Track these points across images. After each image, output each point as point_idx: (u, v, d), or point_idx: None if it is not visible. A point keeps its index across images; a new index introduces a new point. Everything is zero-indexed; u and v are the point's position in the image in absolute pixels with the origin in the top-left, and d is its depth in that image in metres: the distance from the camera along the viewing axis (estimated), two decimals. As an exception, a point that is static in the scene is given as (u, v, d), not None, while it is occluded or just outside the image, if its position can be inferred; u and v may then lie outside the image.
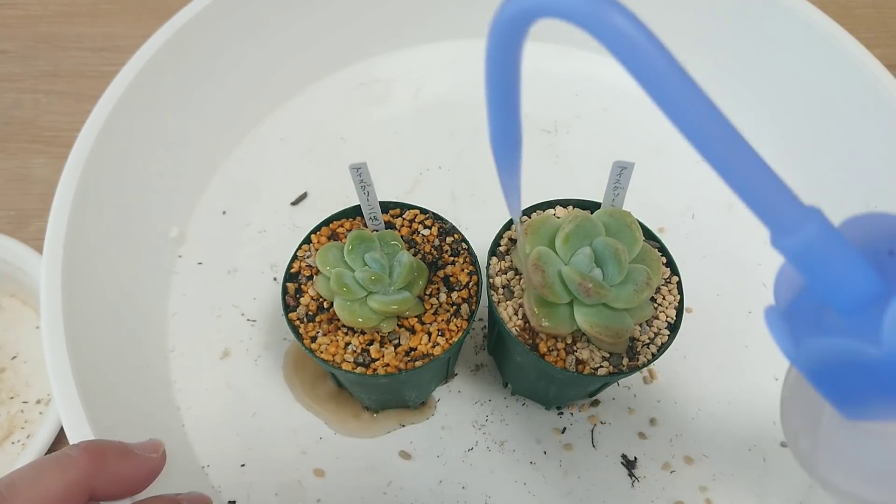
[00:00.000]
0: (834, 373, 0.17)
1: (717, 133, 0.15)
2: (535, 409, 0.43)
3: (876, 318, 0.15)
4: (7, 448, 0.42)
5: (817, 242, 0.16)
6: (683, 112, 0.15)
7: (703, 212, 0.51)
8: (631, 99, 0.57)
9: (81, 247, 0.38)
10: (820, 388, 0.18)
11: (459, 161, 0.53)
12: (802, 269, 0.16)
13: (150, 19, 0.47)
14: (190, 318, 0.45)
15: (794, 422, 0.21)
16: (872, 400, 0.17)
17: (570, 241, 0.34)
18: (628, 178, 0.35)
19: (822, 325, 0.17)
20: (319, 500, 0.40)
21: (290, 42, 0.53)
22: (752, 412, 0.43)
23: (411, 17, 0.57)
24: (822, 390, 0.18)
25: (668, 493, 0.40)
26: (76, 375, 0.34)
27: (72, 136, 0.40)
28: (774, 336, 0.18)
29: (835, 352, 0.16)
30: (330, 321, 0.35)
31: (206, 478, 0.40)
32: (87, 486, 0.25)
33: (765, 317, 0.18)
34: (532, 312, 0.33)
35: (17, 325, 0.47)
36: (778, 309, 0.18)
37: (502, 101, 0.20)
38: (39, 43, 0.60)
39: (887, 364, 0.15)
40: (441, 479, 0.40)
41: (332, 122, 0.55)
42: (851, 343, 0.16)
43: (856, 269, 0.16)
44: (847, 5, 0.63)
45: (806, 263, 0.16)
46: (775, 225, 0.16)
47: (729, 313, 0.46)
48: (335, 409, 0.42)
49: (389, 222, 0.39)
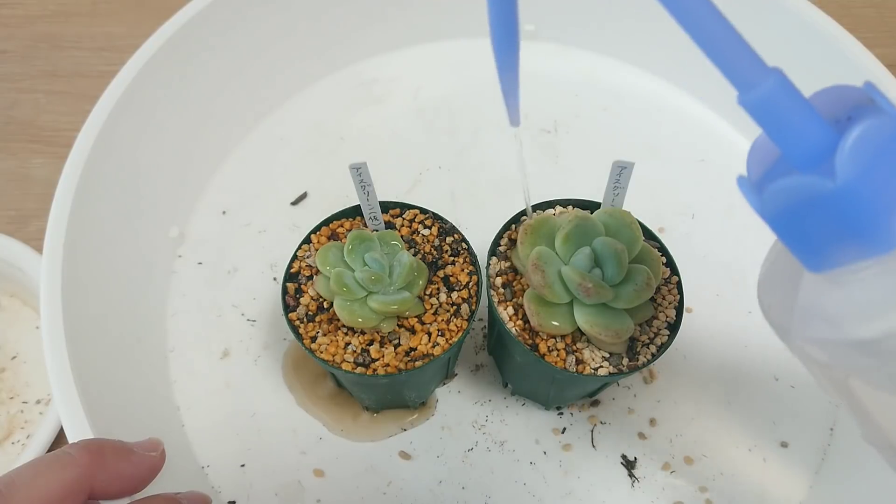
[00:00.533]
0: (795, 217, 0.18)
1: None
2: (535, 409, 0.43)
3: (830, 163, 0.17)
4: (7, 448, 0.42)
5: (775, 94, 0.17)
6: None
7: (703, 212, 0.51)
8: (631, 99, 0.57)
9: (81, 247, 0.38)
10: (784, 237, 0.19)
11: (459, 161, 0.53)
12: (762, 121, 0.17)
13: (149, 19, 0.47)
14: (190, 318, 0.45)
15: (769, 296, 0.23)
16: (832, 242, 0.18)
17: (569, 241, 0.34)
18: (628, 178, 0.35)
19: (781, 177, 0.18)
20: (319, 500, 0.40)
21: (290, 42, 0.53)
22: (752, 412, 0.43)
23: (411, 17, 0.57)
24: (786, 240, 0.19)
25: (668, 493, 0.40)
26: (76, 375, 0.34)
27: (71, 136, 0.40)
28: (744, 193, 0.19)
29: (793, 188, 0.17)
30: (330, 321, 0.35)
31: (205, 478, 0.40)
32: (86, 484, 0.25)
33: (737, 182, 0.20)
34: (532, 312, 0.33)
35: (17, 325, 0.47)
36: (750, 180, 0.20)
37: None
38: (39, 43, 0.60)
39: (842, 195, 0.17)
40: (441, 480, 0.40)
41: (332, 122, 0.55)
42: (807, 177, 0.17)
43: (812, 121, 0.17)
44: (847, 5, 0.63)
45: (765, 115, 0.17)
46: (739, 81, 0.17)
47: (729, 313, 0.46)
48: (335, 410, 0.42)
49: (389, 222, 0.39)
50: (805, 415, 0.43)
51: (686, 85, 0.57)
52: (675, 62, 0.56)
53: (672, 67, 0.57)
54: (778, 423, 0.43)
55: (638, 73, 0.58)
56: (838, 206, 0.17)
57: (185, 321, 0.45)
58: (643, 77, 0.58)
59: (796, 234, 0.19)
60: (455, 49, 0.59)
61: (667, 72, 0.57)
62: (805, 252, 0.19)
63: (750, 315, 0.46)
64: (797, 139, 0.17)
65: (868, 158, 0.16)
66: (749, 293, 0.47)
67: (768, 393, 0.44)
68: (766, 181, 0.19)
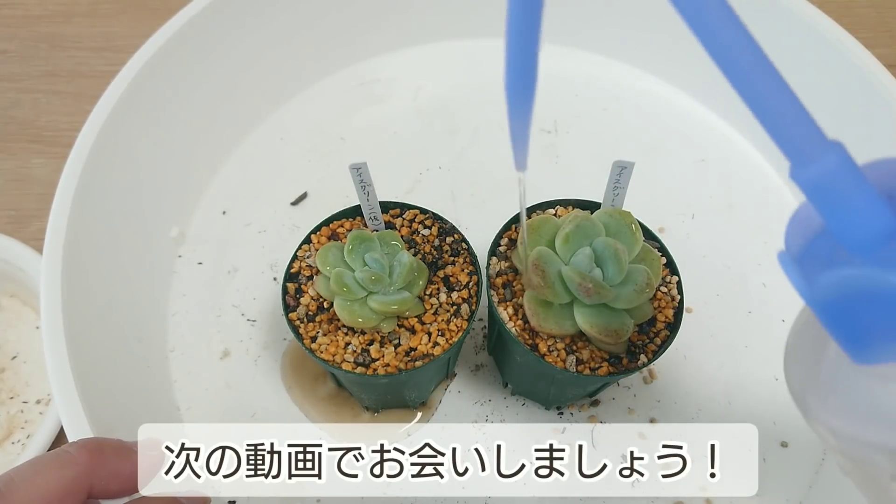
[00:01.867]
0: (847, 308, 0.16)
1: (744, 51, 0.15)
2: (535, 409, 0.43)
3: (892, 253, 0.15)
4: (7, 448, 0.42)
5: (836, 174, 0.15)
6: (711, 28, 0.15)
7: (703, 212, 0.51)
8: (631, 99, 0.57)
9: (81, 247, 0.38)
10: (831, 327, 0.17)
11: (459, 161, 0.53)
12: (818, 202, 0.16)
13: (149, 19, 0.47)
14: (190, 318, 0.45)
15: (797, 369, 0.21)
16: (886, 337, 0.16)
17: (570, 242, 0.34)
18: (628, 178, 0.35)
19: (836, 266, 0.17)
20: (319, 500, 0.40)
21: (289, 42, 0.53)
22: (752, 412, 0.43)
23: (411, 17, 0.57)
24: (833, 330, 0.17)
25: (668, 493, 0.40)
26: (76, 375, 0.34)
27: (72, 136, 0.40)
28: (788, 274, 0.17)
29: (852, 281, 0.16)
30: (330, 321, 0.35)
31: (206, 478, 0.40)
32: (85, 483, 0.25)
33: (778, 259, 0.18)
34: (532, 312, 0.33)
35: (17, 325, 0.47)
36: (791, 253, 0.18)
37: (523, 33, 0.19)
38: (39, 43, 0.60)
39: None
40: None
41: (332, 122, 0.55)
42: (869, 270, 0.15)
43: (873, 205, 0.15)
44: (847, 5, 0.63)
45: (822, 196, 0.16)
46: (795, 154, 0.15)
47: (729, 313, 0.46)
48: (335, 410, 0.42)
49: (389, 222, 0.39)
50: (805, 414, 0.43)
51: (686, 85, 0.57)
52: (676, 62, 0.56)
53: (672, 68, 0.57)
54: (778, 423, 0.43)
55: (638, 74, 0.58)
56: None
57: (185, 321, 0.45)
58: (643, 77, 0.58)
59: (846, 325, 0.17)
60: (455, 49, 0.59)
61: (667, 72, 0.57)
62: (853, 344, 0.17)
63: (750, 315, 0.46)
64: (857, 225, 0.16)
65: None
66: (749, 293, 0.47)
67: (768, 393, 0.44)
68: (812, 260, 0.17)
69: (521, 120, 0.23)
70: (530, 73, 0.20)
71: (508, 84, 0.21)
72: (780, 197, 0.52)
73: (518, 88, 0.21)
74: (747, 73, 0.15)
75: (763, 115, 0.15)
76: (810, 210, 0.17)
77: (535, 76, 0.20)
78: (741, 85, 0.15)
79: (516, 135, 0.24)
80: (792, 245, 0.18)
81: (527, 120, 0.23)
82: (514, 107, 0.22)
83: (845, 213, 0.16)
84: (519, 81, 0.21)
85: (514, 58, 0.20)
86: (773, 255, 0.49)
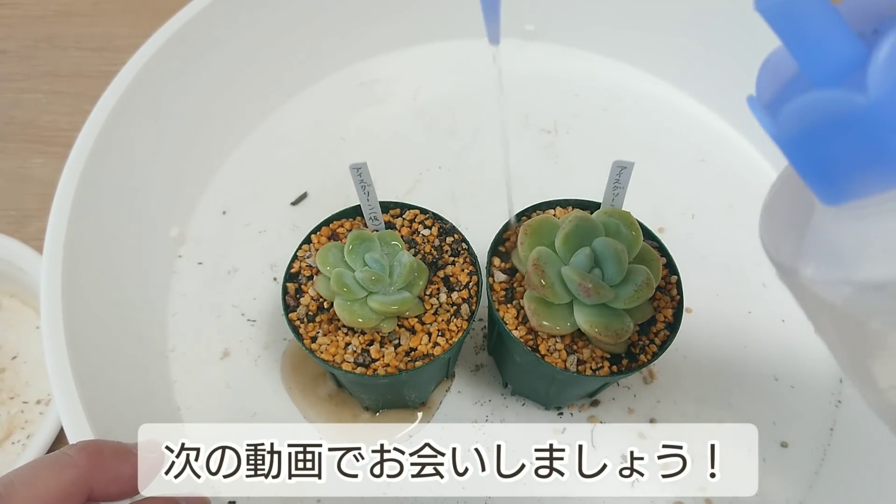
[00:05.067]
0: (814, 140, 0.16)
1: None
2: (535, 409, 0.43)
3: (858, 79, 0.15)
4: (7, 448, 0.42)
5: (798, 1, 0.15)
6: None
7: (703, 212, 0.51)
8: (631, 99, 0.57)
9: (81, 247, 0.38)
10: (799, 163, 0.17)
11: (459, 161, 0.53)
12: (780, 29, 0.15)
13: (150, 19, 0.47)
14: (190, 318, 0.45)
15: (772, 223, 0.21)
16: (856, 169, 0.16)
17: (569, 242, 0.34)
18: (628, 178, 0.35)
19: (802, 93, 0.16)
20: (319, 500, 0.40)
21: (290, 42, 0.53)
22: (752, 412, 0.43)
23: (411, 17, 0.57)
24: (801, 167, 0.17)
25: (668, 493, 0.40)
26: (76, 375, 0.34)
27: (72, 136, 0.40)
28: (755, 114, 0.17)
29: (818, 106, 0.15)
30: (330, 321, 0.35)
31: (206, 478, 0.40)
32: (85, 485, 0.25)
33: (747, 103, 0.17)
34: (532, 312, 0.33)
35: (17, 325, 0.47)
36: (761, 100, 0.18)
37: None
38: (39, 43, 0.60)
39: (874, 113, 0.14)
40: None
41: (332, 122, 0.55)
42: (837, 93, 0.15)
43: (839, 31, 0.15)
44: (847, 5, 0.63)
45: (785, 22, 0.15)
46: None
47: (729, 313, 0.46)
48: (335, 410, 0.42)
49: (389, 222, 0.39)
50: (805, 415, 0.43)
51: (686, 85, 0.57)
52: (675, 62, 0.56)
53: (672, 67, 0.57)
54: (778, 423, 0.43)
55: (638, 74, 0.58)
56: (868, 125, 0.15)
57: (185, 321, 0.45)
58: (643, 77, 0.58)
59: (814, 160, 0.16)
60: (455, 49, 0.59)
61: (666, 72, 0.57)
62: (822, 182, 0.17)
63: (750, 315, 0.46)
64: (822, 51, 0.15)
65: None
66: (749, 293, 0.47)
67: (768, 393, 0.44)
68: (782, 100, 0.17)
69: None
70: None
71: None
72: (780, 197, 0.52)
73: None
74: None
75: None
76: (781, 56, 0.17)
77: None
78: None
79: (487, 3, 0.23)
80: (763, 93, 0.18)
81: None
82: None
83: (810, 39, 0.15)
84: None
85: None
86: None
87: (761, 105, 0.17)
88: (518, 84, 0.57)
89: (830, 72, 0.15)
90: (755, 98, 0.17)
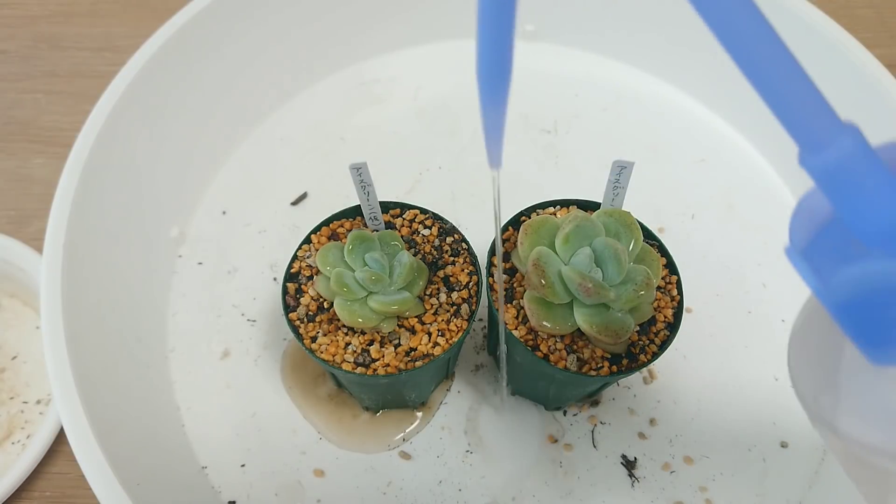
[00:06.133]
0: (865, 306, 0.15)
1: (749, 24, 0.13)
2: (536, 409, 0.43)
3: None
4: (7, 448, 0.42)
5: (850, 160, 0.14)
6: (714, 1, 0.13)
7: (703, 212, 0.51)
8: (631, 99, 0.57)
9: (81, 247, 0.38)
10: (848, 326, 0.16)
11: (459, 161, 0.53)
12: (831, 191, 0.14)
13: (150, 19, 0.47)
14: (190, 318, 0.45)
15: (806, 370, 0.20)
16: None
17: (569, 242, 0.34)
18: (628, 178, 0.35)
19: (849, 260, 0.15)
20: (319, 500, 0.40)
21: (289, 42, 0.53)
22: (752, 412, 0.43)
23: (411, 17, 0.57)
24: (849, 329, 0.16)
25: (668, 493, 0.40)
26: (76, 375, 0.34)
27: (72, 136, 0.40)
28: (799, 271, 0.16)
29: (871, 277, 0.14)
30: (330, 321, 0.35)
31: (205, 478, 0.40)
32: None
33: (786, 254, 0.16)
34: (532, 312, 0.33)
35: (17, 325, 0.47)
36: (796, 248, 0.17)
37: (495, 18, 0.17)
38: (39, 43, 0.60)
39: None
40: (441, 480, 0.40)
41: (332, 122, 0.55)
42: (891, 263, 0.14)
43: (890, 193, 0.14)
44: (847, 5, 0.63)
45: (836, 183, 0.14)
46: (805, 138, 0.14)
47: (729, 313, 0.46)
48: (335, 410, 0.42)
49: (389, 222, 0.39)
50: (805, 415, 0.43)
51: (686, 85, 0.57)
52: (676, 62, 0.56)
53: (672, 68, 0.57)
54: (778, 423, 0.43)
55: (638, 74, 0.58)
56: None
57: (185, 321, 0.45)
58: (643, 77, 0.58)
59: (865, 324, 0.16)
60: (455, 49, 0.59)
61: (666, 72, 0.57)
62: (872, 344, 0.16)
63: (750, 315, 0.46)
64: (874, 214, 0.14)
65: None
66: (749, 293, 0.47)
67: (768, 393, 0.44)
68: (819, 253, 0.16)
69: (496, 113, 0.21)
70: (504, 60, 0.18)
71: (481, 72, 0.18)
72: (780, 197, 0.52)
73: (492, 77, 0.18)
74: (753, 49, 0.13)
75: (770, 95, 0.14)
76: (815, 200, 0.16)
77: (510, 64, 0.18)
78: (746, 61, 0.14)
79: (490, 129, 0.22)
80: (797, 238, 0.17)
81: (501, 112, 0.21)
82: (488, 98, 0.19)
83: (862, 201, 0.14)
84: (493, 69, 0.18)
85: (487, 43, 0.17)
86: (773, 255, 0.49)
87: (798, 253, 0.16)
88: (518, 84, 0.57)
89: (884, 234, 0.14)
90: (792, 248, 0.16)
